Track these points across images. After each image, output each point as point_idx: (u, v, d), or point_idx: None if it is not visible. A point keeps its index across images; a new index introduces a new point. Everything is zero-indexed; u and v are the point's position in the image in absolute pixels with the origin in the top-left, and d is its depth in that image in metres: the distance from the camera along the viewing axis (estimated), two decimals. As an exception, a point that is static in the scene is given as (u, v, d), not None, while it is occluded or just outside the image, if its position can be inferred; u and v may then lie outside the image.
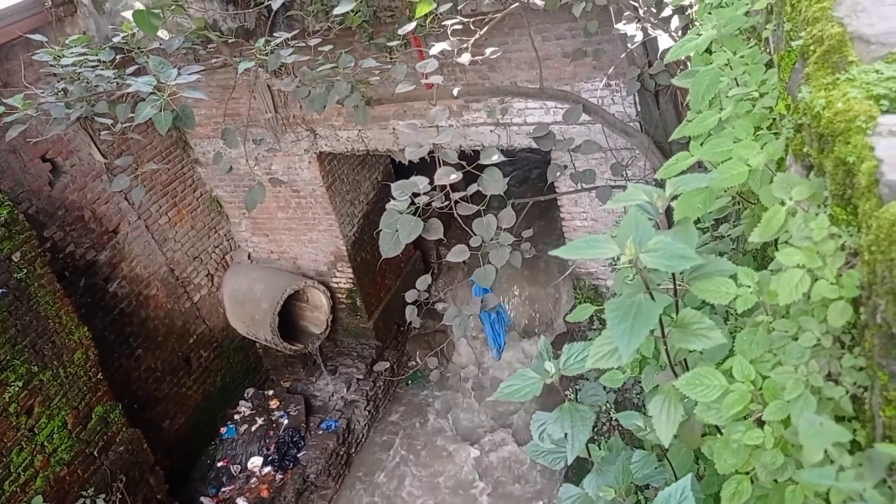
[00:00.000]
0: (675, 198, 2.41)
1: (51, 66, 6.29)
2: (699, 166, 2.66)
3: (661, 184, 2.18)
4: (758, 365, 1.76)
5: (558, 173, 7.26)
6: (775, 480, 1.71)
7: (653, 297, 1.74)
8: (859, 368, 1.54)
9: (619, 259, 2.74)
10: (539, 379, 2.44)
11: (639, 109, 7.75)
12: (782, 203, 1.64)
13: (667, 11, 5.92)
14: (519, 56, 8.31)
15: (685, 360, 2.10)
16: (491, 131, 8.99)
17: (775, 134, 2.10)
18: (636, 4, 5.99)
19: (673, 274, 1.90)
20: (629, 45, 6.52)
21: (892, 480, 1.19)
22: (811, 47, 1.69)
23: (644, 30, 6.31)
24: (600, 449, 2.78)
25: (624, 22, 6.23)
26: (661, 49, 6.62)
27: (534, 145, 7.65)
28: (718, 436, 1.92)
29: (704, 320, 1.83)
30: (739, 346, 1.84)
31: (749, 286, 1.78)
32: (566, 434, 2.36)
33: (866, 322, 1.43)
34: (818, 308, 1.59)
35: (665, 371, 2.11)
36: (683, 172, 2.30)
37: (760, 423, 1.71)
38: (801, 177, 1.72)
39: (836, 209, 1.53)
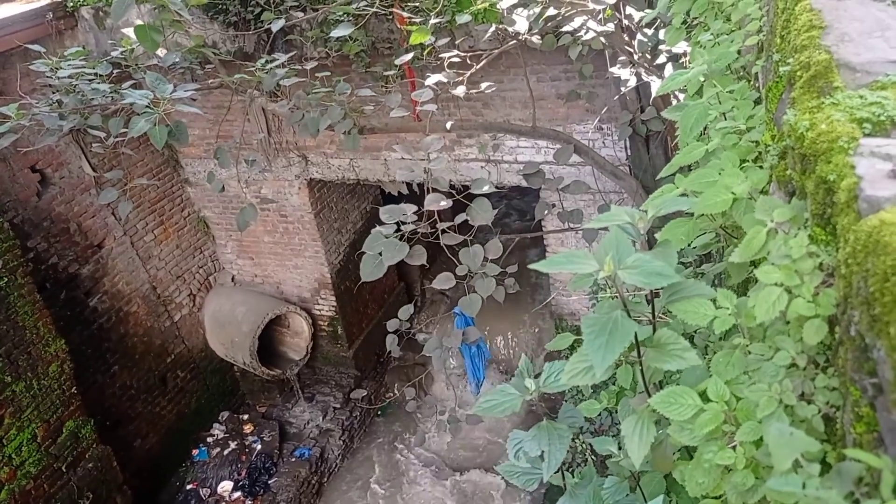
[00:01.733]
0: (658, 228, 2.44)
1: (47, 76, 6.30)
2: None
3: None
4: (733, 386, 1.77)
5: (546, 211, 7.31)
6: (744, 504, 1.72)
7: (629, 315, 1.76)
8: (832, 388, 1.55)
9: (597, 284, 2.75)
10: (518, 395, 2.43)
11: (629, 153, 7.84)
12: (764, 225, 1.67)
13: (661, 59, 6.01)
14: (513, 95, 8.41)
15: (660, 382, 2.11)
16: (482, 167, 9.06)
17: (760, 167, 2.14)
18: (631, 50, 6.09)
19: (652, 295, 1.92)
20: (622, 88, 6.62)
21: (860, 493, 1.20)
22: (798, 73, 1.73)
23: (638, 75, 6.40)
24: (573, 477, 2.77)
25: (619, 66, 6.33)
26: (653, 95, 6.72)
27: (524, 183, 7.71)
28: (690, 460, 1.92)
29: (680, 341, 1.84)
30: (715, 367, 1.85)
31: (728, 308, 1.80)
32: (543, 452, 2.36)
33: (840, 339, 1.45)
34: (794, 327, 1.61)
35: (640, 395, 2.12)
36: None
37: (733, 446, 1.72)
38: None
39: (815, 229, 1.55)
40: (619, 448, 2.70)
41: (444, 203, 4.91)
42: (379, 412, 12.13)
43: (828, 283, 1.51)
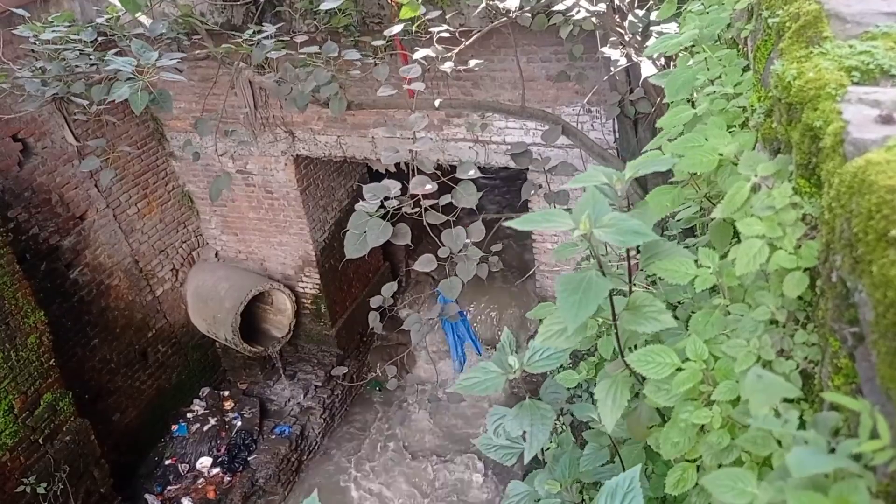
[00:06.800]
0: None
1: (31, 41, 6.22)
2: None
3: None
4: (711, 346, 1.75)
5: (532, 192, 7.28)
6: (719, 467, 1.69)
7: (604, 274, 1.72)
8: (811, 344, 1.53)
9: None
10: (501, 373, 2.37)
11: (617, 136, 7.81)
12: (747, 180, 1.64)
13: (652, 40, 5.96)
14: (503, 76, 8.36)
15: (635, 346, 2.08)
16: (469, 147, 9.01)
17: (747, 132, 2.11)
18: (622, 31, 6.05)
19: (628, 257, 1.88)
20: (612, 68, 6.58)
21: (836, 442, 1.18)
22: (787, 24, 1.71)
23: (628, 56, 6.36)
24: (551, 442, 2.74)
25: (609, 45, 6.28)
26: (643, 76, 6.67)
27: (512, 164, 7.67)
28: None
29: (656, 303, 1.81)
30: (694, 326, 1.82)
31: (709, 267, 1.77)
32: (524, 432, 2.31)
33: (821, 289, 1.43)
34: (775, 282, 1.58)
35: (615, 360, 2.09)
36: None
37: (709, 405, 1.70)
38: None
39: (800, 181, 1.52)
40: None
41: (430, 186, 4.86)
42: (378, 387, 12.09)
43: (810, 237, 1.49)
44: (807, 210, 1.47)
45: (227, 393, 11.64)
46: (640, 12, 6.00)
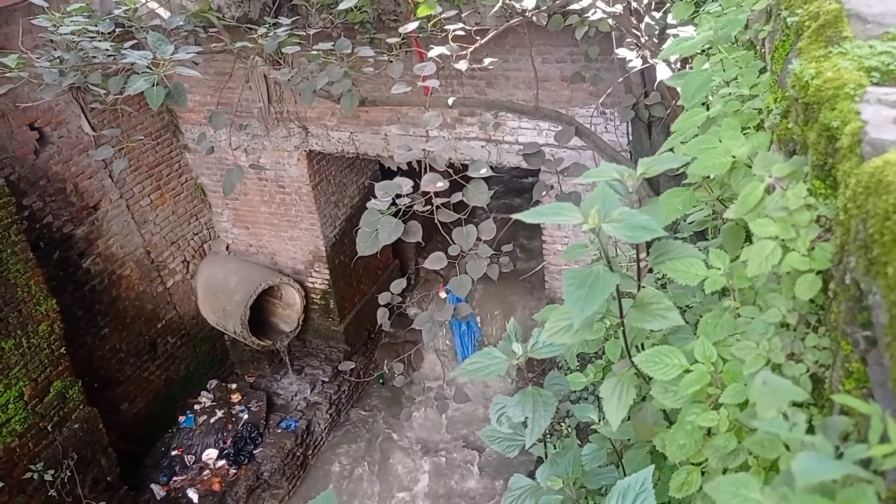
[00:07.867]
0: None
1: (50, 31, 6.23)
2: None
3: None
4: (720, 349, 1.73)
5: (544, 192, 7.25)
6: (724, 471, 1.67)
7: (612, 269, 1.71)
8: (822, 348, 1.51)
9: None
10: (505, 359, 2.38)
11: (630, 139, 7.78)
12: (762, 181, 1.62)
13: (668, 43, 5.92)
14: (517, 75, 8.34)
15: (642, 345, 2.07)
16: (482, 146, 9.00)
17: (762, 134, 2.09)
18: (638, 33, 6.02)
19: (637, 252, 1.87)
20: (627, 70, 6.55)
21: (845, 447, 1.16)
22: (806, 23, 1.69)
23: (643, 58, 6.33)
24: (556, 448, 2.73)
25: (624, 47, 6.25)
26: (658, 79, 6.64)
27: (524, 164, 7.65)
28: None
29: (663, 300, 1.80)
30: (703, 328, 1.80)
31: (720, 268, 1.75)
32: (526, 419, 2.31)
33: (834, 292, 1.41)
34: (787, 284, 1.57)
35: (622, 360, 2.07)
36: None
37: (717, 408, 1.68)
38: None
39: (815, 182, 1.51)
40: (602, 419, 2.65)
41: (441, 184, 4.85)
42: (382, 381, 12.10)
43: (824, 239, 1.47)
44: (821, 211, 1.45)
45: (234, 386, 11.66)
46: (658, 14, 5.96)
